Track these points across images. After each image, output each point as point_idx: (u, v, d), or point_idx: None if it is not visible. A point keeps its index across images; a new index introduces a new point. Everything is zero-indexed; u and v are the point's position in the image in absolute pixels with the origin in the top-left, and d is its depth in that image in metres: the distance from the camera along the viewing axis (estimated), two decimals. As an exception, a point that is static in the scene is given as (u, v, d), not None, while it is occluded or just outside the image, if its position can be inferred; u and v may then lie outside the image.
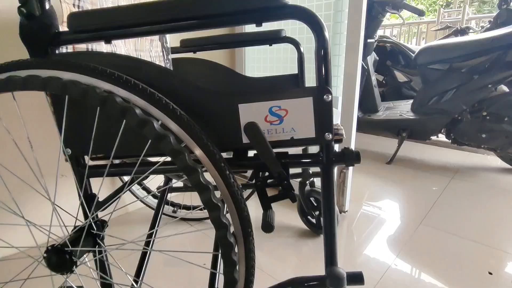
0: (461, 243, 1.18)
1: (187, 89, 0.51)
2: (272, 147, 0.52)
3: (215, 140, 0.53)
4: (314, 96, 0.49)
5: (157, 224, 0.71)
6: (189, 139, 0.47)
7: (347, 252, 1.15)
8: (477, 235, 1.23)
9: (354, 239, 1.22)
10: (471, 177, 1.83)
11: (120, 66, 0.51)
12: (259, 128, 0.50)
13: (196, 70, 1.05)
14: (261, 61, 1.57)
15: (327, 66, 0.49)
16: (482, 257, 1.10)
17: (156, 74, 0.51)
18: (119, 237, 1.22)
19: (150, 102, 0.46)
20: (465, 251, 1.13)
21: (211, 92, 0.51)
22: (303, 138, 0.51)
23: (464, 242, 1.18)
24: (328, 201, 0.55)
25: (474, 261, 1.07)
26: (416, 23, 4.46)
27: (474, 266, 1.05)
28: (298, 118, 0.50)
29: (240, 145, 0.53)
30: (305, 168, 1.19)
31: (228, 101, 0.51)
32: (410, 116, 2.08)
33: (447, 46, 1.90)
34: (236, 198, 0.48)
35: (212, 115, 0.52)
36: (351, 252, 1.14)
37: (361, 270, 0.55)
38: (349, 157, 0.51)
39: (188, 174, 0.45)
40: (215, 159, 0.47)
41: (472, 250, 1.13)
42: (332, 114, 0.50)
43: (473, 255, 1.11)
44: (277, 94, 0.50)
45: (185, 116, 0.47)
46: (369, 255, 1.12)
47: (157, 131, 0.43)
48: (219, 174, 0.47)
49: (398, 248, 1.15)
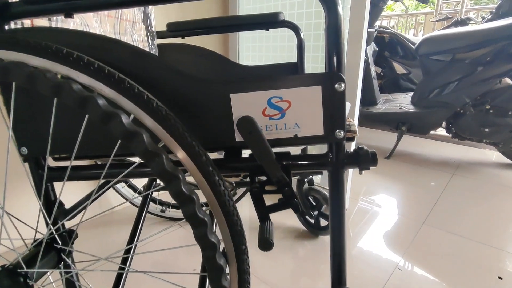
0: (467, 245, 1.11)
1: (167, 76, 0.42)
2: (271, 146, 0.43)
3: (201, 138, 0.43)
4: (323, 85, 0.40)
5: (136, 238, 0.61)
6: (169, 137, 0.37)
7: (348, 255, 1.07)
8: (483, 235, 1.16)
9: (354, 240, 1.15)
10: (472, 173, 1.77)
11: (82, 46, 0.42)
12: (256, 123, 0.41)
13: (185, 57, 0.94)
14: (257, 50, 1.47)
15: (339, 47, 0.40)
16: (490, 260, 1.03)
17: (128, 56, 0.41)
18: (102, 240, 1.13)
19: (118, 91, 0.37)
20: (472, 254, 1.06)
21: (197, 79, 0.41)
22: (309, 136, 0.42)
23: (470, 244, 1.11)
24: (337, 211, 0.46)
25: (482, 265, 1.01)
26: (413, 14, 4.37)
27: (483, 270, 0.98)
28: (303, 112, 0.41)
29: (232, 144, 0.44)
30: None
31: (218, 91, 0.42)
32: (410, 109, 2.01)
33: (450, 36, 1.82)
34: (227, 210, 0.39)
35: (199, 108, 0.42)
36: (352, 256, 1.06)
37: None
38: (364, 158, 0.43)
39: (166, 182, 0.35)
40: (201, 161, 0.38)
41: (479, 252, 1.07)
42: (345, 106, 0.41)
43: (481, 258, 1.04)
44: (277, 82, 0.41)
45: (163, 108, 0.38)
46: (371, 259, 1.04)
47: (125, 128, 0.34)
48: (206, 180, 0.38)
49: (401, 250, 1.08)
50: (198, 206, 0.37)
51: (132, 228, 0.63)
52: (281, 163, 0.44)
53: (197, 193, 0.38)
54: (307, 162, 0.45)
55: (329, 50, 0.41)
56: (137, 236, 0.61)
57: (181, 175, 0.36)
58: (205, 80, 0.40)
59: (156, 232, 1.20)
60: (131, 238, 0.60)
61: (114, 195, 1.30)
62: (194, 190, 0.37)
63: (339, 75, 0.40)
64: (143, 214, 0.68)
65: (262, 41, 1.43)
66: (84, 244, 1.10)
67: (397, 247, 1.10)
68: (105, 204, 1.30)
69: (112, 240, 1.14)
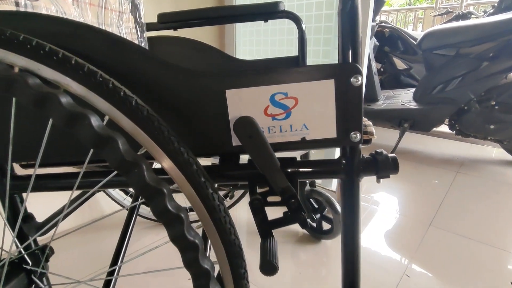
0: (477, 248, 1.06)
1: (149, 68, 0.35)
2: (274, 150, 0.36)
3: (192, 143, 0.37)
4: (336, 78, 0.34)
5: (121, 257, 0.53)
6: (151, 143, 0.31)
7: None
8: (493, 238, 1.11)
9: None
10: (476, 171, 1.72)
11: (49, 33, 0.35)
12: (257, 125, 0.34)
13: (177, 51, 0.87)
14: (254, 44, 1.40)
15: (355, 34, 0.34)
16: (502, 264, 0.98)
17: (102, 44, 0.34)
18: (90, 250, 1.06)
19: (89, 87, 0.30)
20: (482, 257, 1.01)
21: (186, 71, 0.35)
22: (320, 140, 0.36)
23: (479, 247, 1.06)
24: (351, 223, 0.40)
25: (494, 270, 0.95)
26: (413, 9, 4.30)
27: (495, 275, 0.93)
28: (312, 111, 0.35)
29: (228, 149, 0.37)
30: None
31: (211, 86, 0.35)
32: (413, 106, 1.95)
33: (455, 29, 1.76)
34: (222, 228, 0.33)
35: (188, 107, 0.36)
36: (356, 261, 1.00)
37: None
38: (383, 165, 0.36)
39: (147, 198, 0.29)
40: (191, 171, 0.31)
41: (489, 256, 1.02)
42: (362, 104, 0.34)
43: (492, 262, 0.99)
44: (282, 76, 0.34)
45: (145, 108, 0.31)
46: (377, 265, 0.98)
47: (94, 132, 0.27)
48: (198, 194, 0.32)
49: (409, 255, 1.02)
50: (188, 226, 0.30)
51: (117, 244, 0.56)
52: (285, 170, 0.38)
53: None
54: (316, 169, 0.38)
55: (343, 37, 0.34)
56: (121, 255, 0.54)
57: (166, 189, 0.30)
58: (195, 72, 0.34)
59: (146, 246, 1.14)
60: (115, 258, 0.53)
61: (105, 199, 1.23)
62: (182, 208, 0.31)
63: (355, 66, 0.33)
64: (129, 229, 0.61)
65: (260, 35, 1.36)
66: (68, 256, 1.03)
67: (404, 251, 1.04)
68: (95, 209, 1.23)
69: (100, 249, 1.08)
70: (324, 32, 1.17)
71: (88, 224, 0.94)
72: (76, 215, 1.16)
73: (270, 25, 1.31)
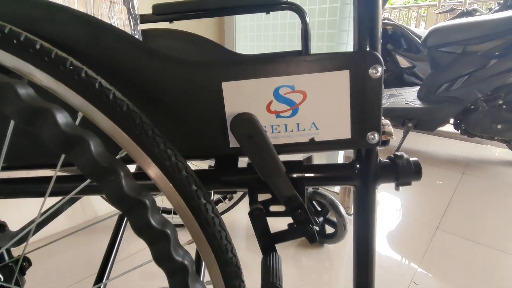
0: (486, 253, 1.01)
1: (133, 56, 0.30)
2: (278, 152, 0.31)
3: (183, 143, 0.32)
4: (352, 69, 0.29)
5: (106, 275, 0.47)
6: (132, 144, 0.26)
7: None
8: (502, 242, 1.06)
9: (363, 248, 1.04)
10: (482, 172, 1.67)
11: (14, 14, 0.30)
12: (258, 123, 0.29)
13: (173, 45, 0.82)
14: (255, 39, 1.35)
15: (375, 17, 0.29)
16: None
17: (77, 28, 0.29)
18: (79, 257, 1.01)
19: (57, 77, 0.25)
20: (492, 263, 0.96)
21: (175, 60, 0.29)
22: (331, 141, 0.31)
23: (489, 252, 1.01)
24: (365, 236, 0.35)
25: (506, 277, 0.90)
26: (416, 7, 4.24)
27: (507, 282, 0.88)
28: (323, 107, 0.30)
29: (225, 151, 0.32)
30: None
31: (205, 77, 0.30)
32: (417, 105, 1.90)
33: (461, 26, 1.70)
34: (217, 245, 0.28)
35: (178, 101, 0.31)
36: (361, 267, 0.96)
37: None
38: (404, 170, 0.31)
39: (125, 211, 0.24)
40: (179, 179, 0.26)
41: (499, 261, 0.97)
42: (382, 100, 0.29)
43: (503, 268, 0.94)
44: (288, 66, 0.29)
45: (124, 103, 0.26)
46: (384, 272, 0.94)
47: (59, 130, 0.22)
48: (188, 205, 0.27)
49: (416, 260, 0.98)
50: (175, 244, 0.25)
51: (103, 258, 0.50)
52: (291, 176, 0.33)
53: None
54: (326, 174, 0.33)
55: (360, 21, 0.29)
56: (108, 270, 0.49)
57: (149, 200, 0.25)
58: (186, 61, 0.29)
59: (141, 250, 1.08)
60: (99, 276, 0.47)
61: (99, 199, 1.18)
62: (168, 222, 0.26)
63: (374, 55, 0.28)
64: (117, 240, 0.54)
65: (260, 30, 1.31)
66: (52, 264, 0.97)
67: (411, 257, 0.99)
68: (88, 210, 1.18)
69: (91, 256, 1.03)
70: (328, 27, 1.12)
71: (78, 230, 0.89)
72: (67, 215, 1.11)
73: (272, 19, 1.25)
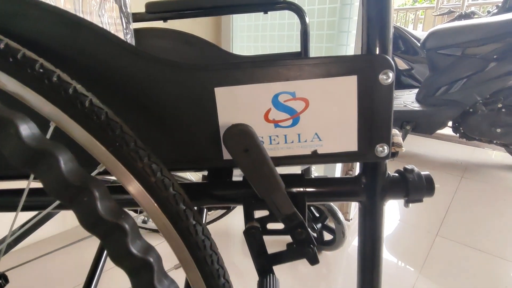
0: (487, 260, 0.98)
1: (116, 58, 0.26)
2: (276, 165, 0.28)
3: (172, 155, 0.29)
4: (360, 74, 0.26)
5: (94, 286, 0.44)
6: (111, 159, 0.22)
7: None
8: (505, 251, 1.04)
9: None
10: (481, 176, 1.66)
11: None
12: (255, 135, 0.26)
13: (166, 45, 0.79)
14: (252, 40, 1.32)
15: (386, 17, 0.26)
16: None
17: (52, 25, 0.26)
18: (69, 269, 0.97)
19: (24, 81, 0.22)
20: (494, 271, 0.93)
21: (163, 62, 0.26)
22: (336, 153, 0.28)
23: (490, 260, 0.99)
24: (372, 257, 0.32)
25: (508, 284, 0.88)
26: (413, 9, 4.24)
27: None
28: (327, 116, 0.27)
29: (219, 164, 0.29)
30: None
31: (196, 82, 0.27)
32: (416, 107, 1.88)
33: (461, 28, 1.69)
34: (208, 270, 0.25)
35: (166, 109, 0.27)
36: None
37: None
38: (415, 185, 0.29)
39: (101, 237, 0.21)
40: (166, 198, 0.23)
41: (500, 269, 0.94)
42: (392, 109, 0.26)
43: (505, 276, 0.92)
44: (288, 70, 0.26)
45: (103, 111, 0.23)
46: (385, 279, 0.91)
47: (22, 143, 0.19)
48: (175, 227, 0.24)
49: (417, 268, 0.95)
50: (159, 274, 0.22)
51: (90, 267, 0.46)
52: (290, 191, 0.30)
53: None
54: (329, 189, 0.30)
55: (369, 20, 0.26)
56: (94, 283, 0.45)
57: (129, 223, 0.21)
58: (174, 63, 0.26)
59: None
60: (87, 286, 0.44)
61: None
62: (151, 248, 0.22)
63: (385, 59, 0.25)
64: (99, 264, 0.49)
65: (258, 30, 1.28)
66: (37, 273, 0.93)
67: (411, 264, 0.97)
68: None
69: (79, 264, 0.99)
70: (327, 28, 1.09)
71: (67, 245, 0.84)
72: (56, 220, 1.07)
73: (270, 19, 1.23)
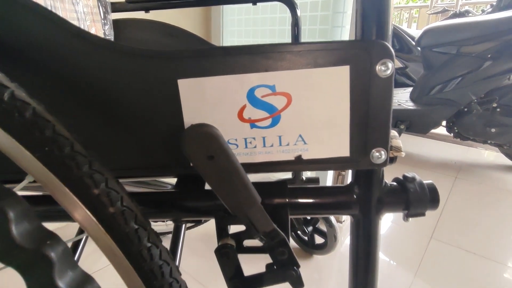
0: (484, 264, 0.96)
1: (57, 43, 0.22)
2: (254, 171, 0.24)
3: (129, 160, 0.24)
4: (353, 64, 0.21)
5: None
6: (40, 168, 0.18)
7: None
8: (499, 253, 1.01)
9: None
10: (475, 177, 1.64)
11: None
12: (220, 139, 0.21)
13: (146, 36, 0.74)
14: (243, 35, 1.27)
15: (385, 3, 0.21)
16: (509, 283, 0.88)
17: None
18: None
19: None
20: (491, 276, 0.91)
21: (114, 47, 0.21)
22: (324, 159, 0.23)
23: (487, 264, 0.96)
24: (364, 278, 0.27)
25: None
26: (408, 7, 4.22)
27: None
28: (313, 115, 0.22)
29: (185, 170, 0.24)
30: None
31: (158, 72, 0.22)
32: (410, 106, 1.85)
33: (456, 26, 1.66)
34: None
35: (122, 104, 0.23)
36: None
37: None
38: (417, 197, 0.24)
39: (19, 270, 0.16)
40: (111, 215, 0.19)
41: (495, 273, 0.92)
42: (391, 107, 0.22)
43: (500, 280, 0.89)
44: (266, 59, 0.22)
45: (30, 106, 0.18)
46: (380, 283, 0.87)
47: None
48: (124, 252, 0.19)
49: (411, 272, 0.92)
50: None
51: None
52: (271, 203, 0.25)
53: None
54: (316, 201, 0.26)
55: (365, 1, 0.22)
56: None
57: (56, 251, 0.17)
58: (128, 49, 0.21)
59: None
60: None
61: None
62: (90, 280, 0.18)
63: (384, 46, 0.21)
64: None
65: (249, 25, 1.23)
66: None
67: (406, 267, 0.93)
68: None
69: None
70: (320, 23, 1.05)
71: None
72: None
73: (260, 13, 1.18)
